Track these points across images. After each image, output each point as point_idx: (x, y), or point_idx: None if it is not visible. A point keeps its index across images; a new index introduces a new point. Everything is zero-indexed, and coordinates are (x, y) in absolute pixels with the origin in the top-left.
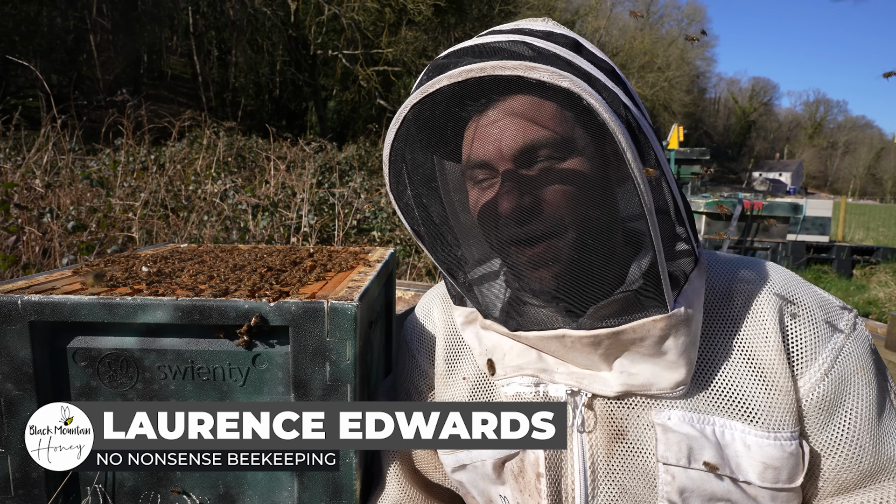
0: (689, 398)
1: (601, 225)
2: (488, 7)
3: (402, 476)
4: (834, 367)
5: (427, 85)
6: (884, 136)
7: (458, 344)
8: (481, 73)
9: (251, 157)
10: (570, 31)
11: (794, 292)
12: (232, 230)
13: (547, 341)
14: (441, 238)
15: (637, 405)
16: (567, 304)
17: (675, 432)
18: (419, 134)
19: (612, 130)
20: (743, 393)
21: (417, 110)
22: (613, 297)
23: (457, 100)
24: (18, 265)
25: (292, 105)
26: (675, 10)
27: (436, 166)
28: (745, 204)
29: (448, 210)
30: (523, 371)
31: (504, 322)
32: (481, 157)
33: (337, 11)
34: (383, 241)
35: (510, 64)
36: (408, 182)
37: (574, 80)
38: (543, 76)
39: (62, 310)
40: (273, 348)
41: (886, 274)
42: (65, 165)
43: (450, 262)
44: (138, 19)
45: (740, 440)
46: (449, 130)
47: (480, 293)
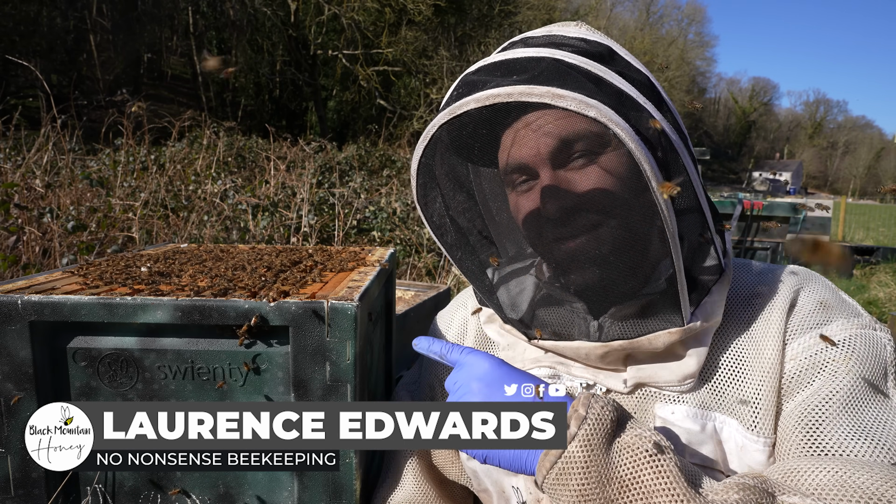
0: (695, 392)
1: (628, 231)
2: (488, 7)
3: (419, 472)
4: (814, 347)
5: (455, 106)
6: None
7: (487, 341)
8: (508, 98)
9: (251, 157)
10: (605, 36)
11: (811, 293)
12: (232, 230)
13: (563, 349)
14: (464, 246)
15: (645, 397)
16: (592, 302)
17: (676, 427)
18: (446, 151)
19: (637, 159)
20: (747, 392)
21: (445, 129)
22: (635, 299)
23: (484, 122)
24: (18, 265)
25: (292, 105)
26: (675, 10)
27: (461, 178)
28: (745, 204)
29: (472, 218)
30: (541, 363)
31: (524, 332)
32: (517, 161)
33: (337, 11)
34: (383, 241)
35: (537, 91)
36: (436, 194)
37: (600, 110)
38: (570, 105)
39: (62, 310)
40: (273, 348)
41: (886, 274)
42: (65, 165)
43: (472, 270)
44: (138, 19)
45: (735, 440)
46: (476, 149)
47: (500, 298)
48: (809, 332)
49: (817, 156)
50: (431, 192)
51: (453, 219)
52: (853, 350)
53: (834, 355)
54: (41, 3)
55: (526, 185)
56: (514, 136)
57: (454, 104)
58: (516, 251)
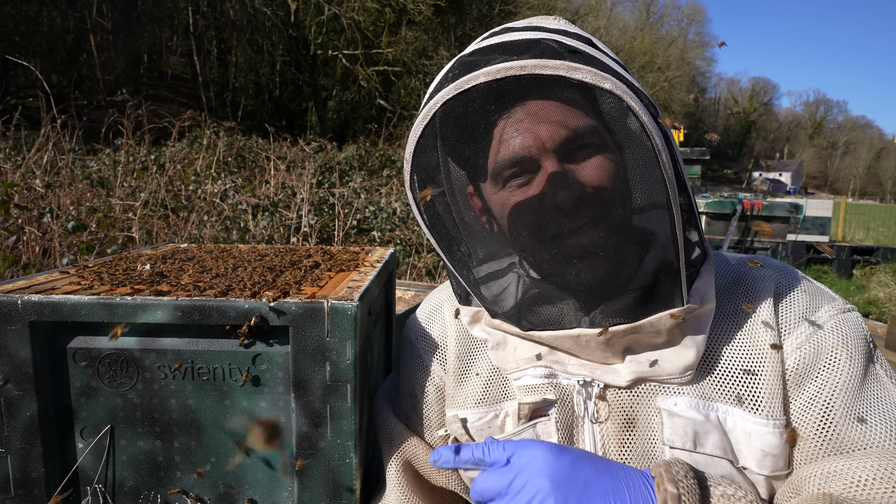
0: (695, 384)
1: (633, 217)
2: (488, 7)
3: (403, 482)
4: (812, 338)
5: (461, 80)
6: (884, 136)
7: (470, 341)
8: (521, 70)
9: (251, 157)
10: (582, 31)
11: (791, 281)
12: (232, 230)
13: (561, 340)
14: (456, 237)
15: (646, 392)
16: (592, 296)
17: (680, 417)
18: (449, 131)
19: (649, 133)
20: (745, 381)
21: (449, 107)
22: (633, 289)
23: (492, 98)
24: (18, 265)
25: (292, 105)
26: (675, 10)
27: (461, 164)
28: (744, 204)
29: (468, 208)
30: (535, 364)
31: (516, 322)
32: (519, 151)
33: (337, 11)
34: (383, 241)
35: (552, 63)
36: (429, 180)
37: (615, 83)
38: (586, 77)
39: (62, 310)
40: (273, 348)
41: (886, 274)
42: (65, 165)
43: (460, 261)
44: (138, 19)
45: (741, 427)
46: (481, 128)
47: (489, 291)
48: (803, 321)
49: (817, 156)
50: (426, 178)
51: (447, 206)
52: (844, 335)
53: (832, 343)
54: (41, 3)
55: (521, 178)
56: (514, 124)
57: (461, 79)
58: (492, 253)
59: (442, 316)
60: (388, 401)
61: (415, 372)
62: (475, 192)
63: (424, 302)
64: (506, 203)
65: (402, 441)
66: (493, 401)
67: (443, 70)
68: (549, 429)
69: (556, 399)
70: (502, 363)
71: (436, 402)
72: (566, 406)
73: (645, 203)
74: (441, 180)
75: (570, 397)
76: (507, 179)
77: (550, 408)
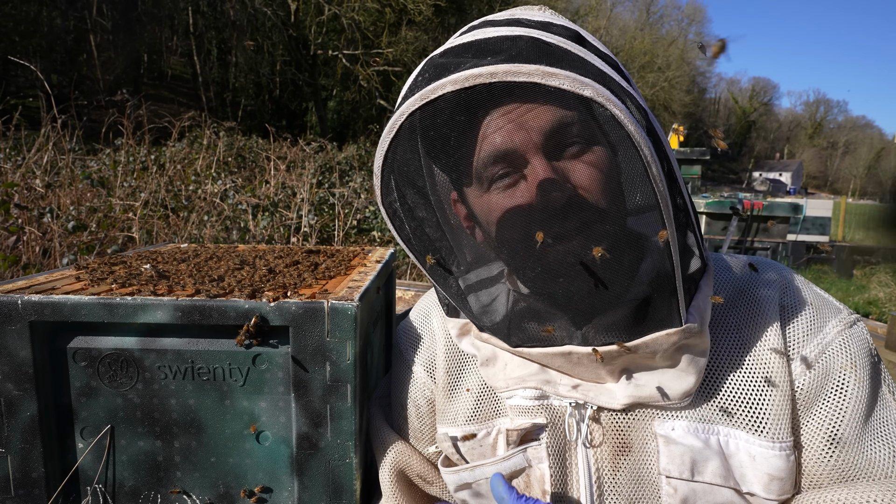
0: (694, 407)
1: (623, 226)
2: (488, 7)
3: (397, 491)
4: (821, 358)
5: (427, 90)
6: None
7: (460, 355)
8: (491, 78)
9: (251, 157)
10: (570, 21)
11: (795, 294)
12: (232, 230)
13: (552, 358)
14: (433, 248)
15: (642, 416)
16: (582, 312)
17: (678, 444)
18: (417, 142)
19: (637, 144)
20: (748, 401)
21: (416, 118)
22: (627, 301)
23: (461, 108)
24: (18, 265)
25: (292, 105)
26: (675, 10)
27: (435, 174)
28: (745, 204)
29: (445, 218)
30: (526, 383)
31: (505, 338)
32: (502, 151)
33: (337, 11)
34: (383, 241)
35: (525, 69)
36: (402, 193)
37: (596, 89)
38: (563, 83)
39: (62, 310)
40: (273, 348)
41: (886, 274)
42: (65, 165)
43: (442, 273)
44: (138, 19)
45: (745, 450)
46: (452, 139)
47: (476, 303)
48: (810, 341)
49: (817, 156)
50: (400, 192)
51: (422, 218)
52: (852, 356)
53: (841, 363)
54: (41, 3)
55: (506, 180)
56: (492, 129)
57: (425, 88)
58: (475, 263)
59: (430, 326)
60: (381, 408)
61: (405, 384)
62: (458, 198)
63: (414, 309)
64: (491, 206)
65: (394, 450)
66: (485, 418)
67: (414, 71)
68: (540, 454)
69: (546, 423)
70: (492, 381)
71: (427, 415)
72: (558, 429)
73: (635, 215)
74: (410, 194)
75: (561, 420)
76: (490, 181)
77: (541, 432)
